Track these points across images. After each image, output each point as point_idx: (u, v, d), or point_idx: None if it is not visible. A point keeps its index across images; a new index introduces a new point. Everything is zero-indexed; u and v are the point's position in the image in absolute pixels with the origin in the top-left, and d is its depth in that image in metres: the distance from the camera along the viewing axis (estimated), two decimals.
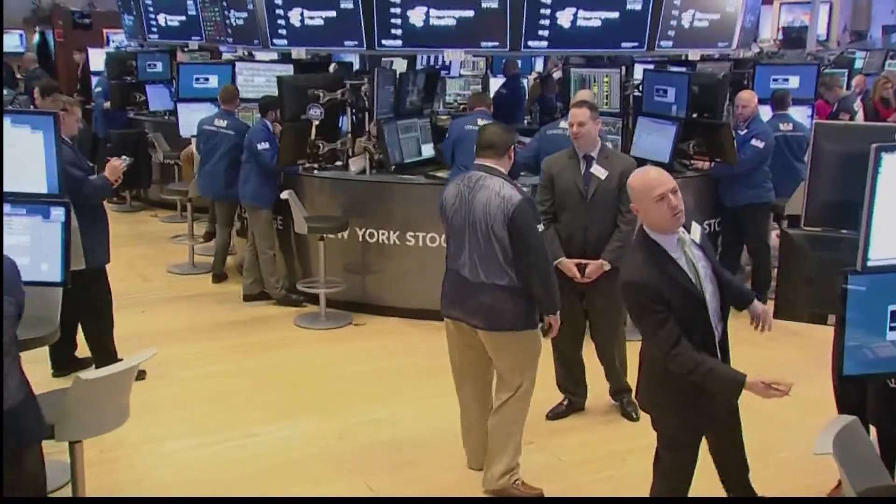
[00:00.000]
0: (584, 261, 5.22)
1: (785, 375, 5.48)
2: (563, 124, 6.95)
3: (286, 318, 7.51)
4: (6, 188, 4.07)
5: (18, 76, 14.45)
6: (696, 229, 3.72)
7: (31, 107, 8.39)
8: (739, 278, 7.99)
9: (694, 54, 8.53)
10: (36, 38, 17.69)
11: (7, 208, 4.00)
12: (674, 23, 7.96)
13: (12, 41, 17.31)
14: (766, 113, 8.06)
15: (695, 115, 7.57)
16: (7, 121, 4.20)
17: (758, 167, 7.48)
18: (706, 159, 7.61)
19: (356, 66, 9.94)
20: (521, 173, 7.03)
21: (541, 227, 4.49)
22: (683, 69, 8.51)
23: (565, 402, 5.59)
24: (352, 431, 5.44)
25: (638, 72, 8.69)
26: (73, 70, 15.47)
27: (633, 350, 4.67)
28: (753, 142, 7.45)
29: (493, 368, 4.69)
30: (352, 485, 4.80)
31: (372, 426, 5.51)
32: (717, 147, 7.43)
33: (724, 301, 3.76)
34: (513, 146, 4.59)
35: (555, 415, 5.55)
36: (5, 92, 12.13)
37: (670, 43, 8.06)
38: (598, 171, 5.22)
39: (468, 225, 4.42)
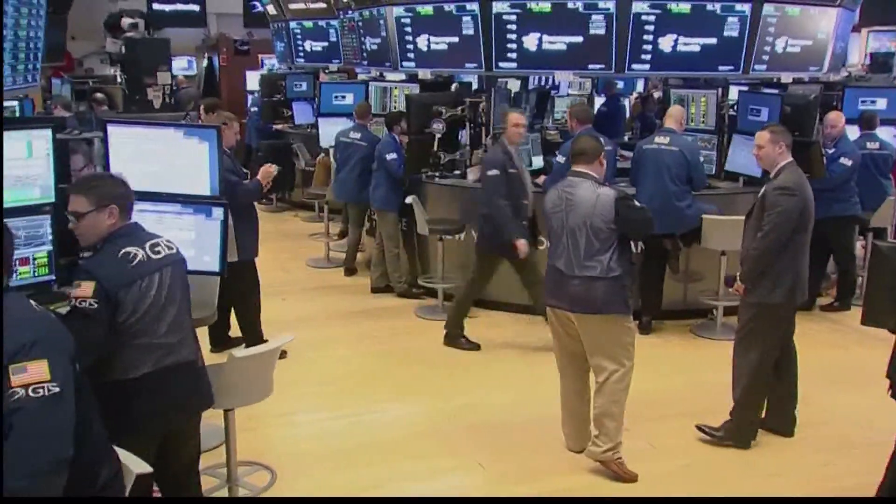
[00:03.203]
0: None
1: (865, 377, 5.29)
2: (657, 139, 6.82)
3: (408, 308, 7.57)
4: (179, 190, 4.24)
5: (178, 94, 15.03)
6: None
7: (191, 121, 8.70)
8: (825, 286, 7.74)
9: (786, 77, 8.23)
10: (204, 62, 18.40)
11: (178, 207, 4.16)
12: (768, 48, 7.70)
13: (181, 64, 18.03)
14: (854, 132, 7.73)
15: None
16: (180, 133, 4.37)
17: (845, 183, 7.21)
18: None
19: (475, 86, 9.95)
20: (622, 183, 6.93)
21: (637, 203, 4.51)
22: (776, 91, 8.22)
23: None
24: (462, 412, 5.44)
25: (733, 93, 8.44)
26: (235, 89, 16.00)
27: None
28: (841, 160, 7.19)
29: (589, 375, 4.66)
30: (464, 461, 4.81)
31: (481, 408, 5.50)
32: (806, 163, 7.14)
33: None
34: (602, 153, 4.61)
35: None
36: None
37: (764, 66, 7.80)
38: (762, 191, 4.95)
39: (566, 224, 4.46)
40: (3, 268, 2.49)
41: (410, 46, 8.41)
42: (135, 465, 2.77)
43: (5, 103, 6.28)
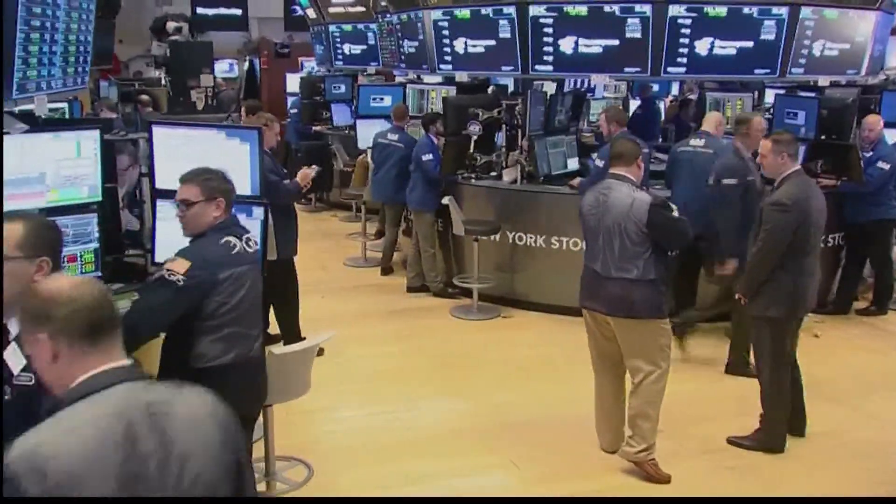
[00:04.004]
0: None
1: None
2: (692, 142, 6.75)
3: (443, 308, 7.57)
4: None
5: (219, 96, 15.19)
6: None
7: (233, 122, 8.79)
8: (861, 290, 7.60)
9: (823, 80, 8.10)
10: (246, 65, 18.58)
11: None
12: (805, 51, 7.58)
13: (222, 67, 18.22)
14: (893, 136, 7.57)
15: (823, 137, 7.21)
16: (222, 134, 4.40)
17: (883, 186, 7.08)
18: (833, 178, 7.23)
19: (511, 89, 9.92)
20: (657, 186, 6.87)
21: (675, 213, 4.42)
22: (813, 94, 8.09)
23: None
24: (497, 411, 5.43)
25: (769, 96, 8.33)
26: (275, 91, 16.12)
27: None
28: (879, 163, 7.07)
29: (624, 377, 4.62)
30: (498, 459, 4.79)
31: (515, 407, 5.48)
32: (844, 166, 7.06)
33: None
34: (640, 156, 4.57)
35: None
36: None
37: (801, 70, 7.68)
38: (767, 199, 4.88)
39: (602, 226, 4.43)
40: None
41: (448, 49, 8.41)
42: None
43: (56, 105, 6.39)
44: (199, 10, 18.42)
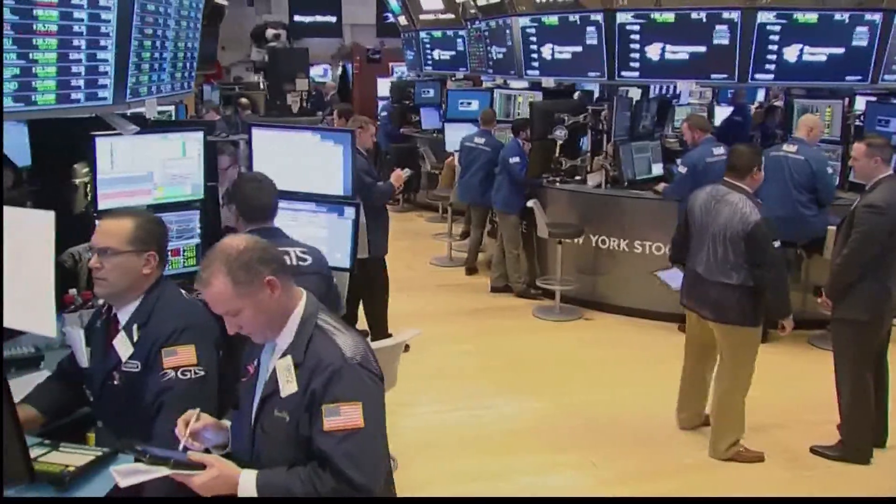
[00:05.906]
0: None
1: None
2: (785, 147, 6.56)
3: (525, 308, 7.53)
4: (315, 190, 4.33)
5: (327, 99, 15.54)
6: None
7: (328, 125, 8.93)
8: None
9: None
10: (339, 70, 18.91)
11: (313, 206, 4.25)
12: None
13: (317, 72, 18.59)
14: None
15: None
16: (317, 136, 4.47)
17: None
18: None
19: (596, 94, 9.81)
20: None
21: (777, 244, 4.35)
22: None
23: None
24: (576, 410, 5.37)
25: (859, 103, 8.01)
26: (367, 95, 16.37)
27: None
28: None
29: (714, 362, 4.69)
30: (575, 457, 4.75)
31: (594, 407, 5.42)
32: None
33: None
34: (756, 167, 4.51)
35: None
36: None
37: (894, 77, 7.35)
38: (854, 205, 4.75)
39: (709, 230, 4.46)
40: None
41: (535, 55, 8.38)
42: None
43: (164, 108, 6.62)
44: (297, 18, 18.83)
